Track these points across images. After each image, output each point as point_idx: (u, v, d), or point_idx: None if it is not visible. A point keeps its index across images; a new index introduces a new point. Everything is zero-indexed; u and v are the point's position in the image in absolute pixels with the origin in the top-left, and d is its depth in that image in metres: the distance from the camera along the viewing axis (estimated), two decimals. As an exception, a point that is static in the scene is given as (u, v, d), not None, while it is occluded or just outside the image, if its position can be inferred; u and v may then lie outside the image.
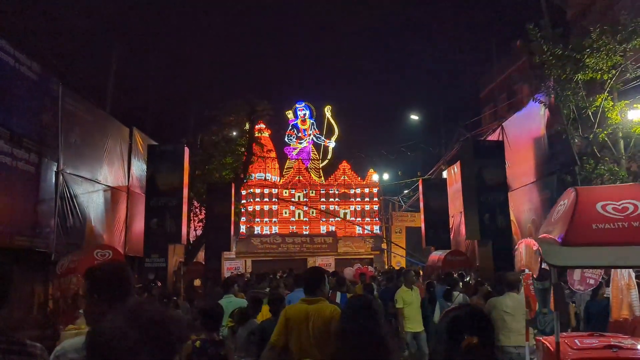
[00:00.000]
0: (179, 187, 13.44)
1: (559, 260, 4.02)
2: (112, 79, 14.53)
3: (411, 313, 8.60)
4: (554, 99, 11.16)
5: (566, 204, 4.28)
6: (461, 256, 15.16)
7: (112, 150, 14.19)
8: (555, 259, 3.99)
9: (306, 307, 4.43)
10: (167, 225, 13.17)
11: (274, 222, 35.84)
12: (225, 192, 18.85)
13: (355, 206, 36.57)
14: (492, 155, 13.20)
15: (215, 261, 18.23)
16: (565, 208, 4.31)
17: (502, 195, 13.08)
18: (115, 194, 14.48)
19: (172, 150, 13.58)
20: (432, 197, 19.11)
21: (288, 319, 4.43)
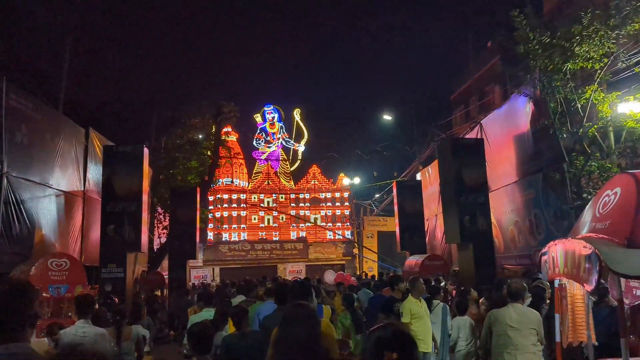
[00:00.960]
0: (138, 191, 12.45)
1: (628, 267, 3.00)
2: (65, 76, 13.45)
3: (420, 329, 7.22)
4: (539, 92, 10.53)
5: (619, 194, 3.24)
6: (439, 261, 14.44)
7: (65, 152, 13.15)
8: (623, 265, 2.98)
9: None
10: (126, 232, 12.17)
11: (242, 229, 34.81)
12: (190, 196, 17.90)
13: (326, 211, 35.77)
14: (472, 154, 12.55)
15: (180, 270, 17.27)
16: (618, 199, 3.26)
17: (482, 196, 12.44)
18: (70, 199, 13.43)
19: (130, 151, 12.58)
20: (406, 200, 18.40)
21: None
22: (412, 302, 7.28)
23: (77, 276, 10.58)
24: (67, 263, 10.49)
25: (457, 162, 12.39)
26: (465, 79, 32.15)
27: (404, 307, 7.23)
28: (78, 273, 10.64)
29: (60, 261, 10.45)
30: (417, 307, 7.27)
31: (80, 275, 10.67)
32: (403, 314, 7.19)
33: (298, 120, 37.34)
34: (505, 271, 13.64)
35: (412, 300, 7.29)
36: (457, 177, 12.33)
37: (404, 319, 7.13)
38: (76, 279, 10.54)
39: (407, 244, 18.08)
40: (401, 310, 7.20)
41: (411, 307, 7.23)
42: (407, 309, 7.21)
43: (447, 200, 12.70)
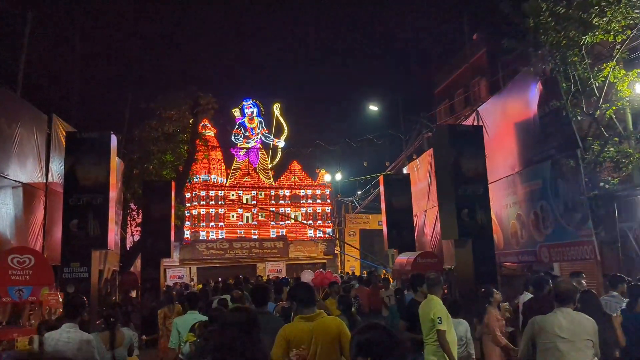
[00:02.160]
0: (105, 182, 11.23)
1: None
2: (24, 55, 12.20)
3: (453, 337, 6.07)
4: (549, 71, 9.58)
5: None
6: (432, 258, 13.48)
7: (24, 140, 11.89)
8: None
9: (307, 325, 4.12)
10: (90, 227, 10.95)
11: (220, 227, 33.68)
12: (164, 191, 16.71)
13: (307, 208, 34.78)
14: (470, 141, 11.55)
15: (153, 269, 16.06)
16: None
17: (481, 187, 11.45)
18: (30, 192, 12.17)
19: (96, 138, 11.35)
20: (394, 195, 17.39)
21: (289, 341, 4.06)
22: (441, 303, 6.08)
23: (43, 276, 9.23)
24: (31, 260, 9.14)
25: (454, 150, 11.39)
26: (450, 72, 31.37)
27: (440, 311, 5.96)
28: (44, 272, 9.28)
29: (22, 257, 9.11)
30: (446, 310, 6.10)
31: (46, 275, 9.31)
32: (441, 319, 5.89)
33: (278, 115, 36.26)
34: (503, 269, 12.73)
35: (439, 300, 6.10)
36: (454, 167, 11.33)
37: (442, 326, 5.88)
38: (42, 279, 9.18)
39: (395, 241, 17.08)
40: (437, 315, 5.91)
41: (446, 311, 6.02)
42: (445, 313, 5.98)
43: (444, 193, 11.71)
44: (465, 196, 11.28)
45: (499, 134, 12.49)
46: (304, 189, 34.97)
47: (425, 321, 5.94)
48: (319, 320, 4.15)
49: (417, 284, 6.70)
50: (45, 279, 9.23)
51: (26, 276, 9.05)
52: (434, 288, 6.12)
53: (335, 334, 4.08)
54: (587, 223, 9.13)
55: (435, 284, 6.14)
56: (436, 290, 6.11)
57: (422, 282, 6.61)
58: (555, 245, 10.26)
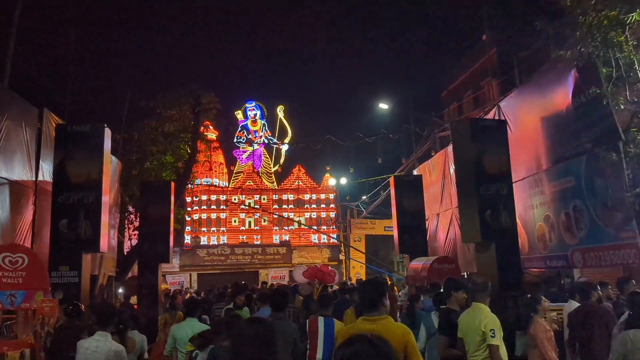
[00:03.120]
0: (97, 179, 10.34)
1: None
2: (13, 43, 11.33)
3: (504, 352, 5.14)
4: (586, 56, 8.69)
5: None
6: (450, 264, 12.58)
7: (11, 134, 11.02)
8: None
9: (369, 327, 3.74)
10: (81, 228, 10.06)
11: (222, 232, 32.80)
12: (163, 192, 15.76)
13: (311, 213, 33.87)
14: (493, 137, 10.66)
15: (151, 275, 15.09)
16: None
17: (506, 186, 10.55)
18: (18, 190, 11.29)
19: (88, 131, 10.45)
20: (405, 197, 16.46)
21: None
22: (490, 312, 5.13)
23: (38, 279, 8.12)
24: (24, 260, 8.01)
25: (476, 146, 10.50)
26: (458, 74, 30.58)
27: (492, 322, 5.00)
28: (39, 274, 8.19)
29: (15, 257, 7.98)
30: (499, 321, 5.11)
31: (41, 278, 8.22)
32: (494, 332, 4.95)
33: (281, 118, 35.40)
34: (527, 276, 11.80)
35: (488, 310, 5.14)
36: (476, 164, 10.44)
37: (496, 340, 4.94)
38: (36, 282, 8.05)
39: (406, 246, 16.14)
40: (488, 327, 4.95)
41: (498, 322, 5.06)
42: (498, 325, 5.02)
43: (464, 192, 10.80)
44: (488, 196, 10.39)
45: (523, 130, 11.60)
46: (308, 194, 34.10)
47: (471, 334, 5.00)
48: (382, 324, 3.80)
49: (452, 289, 5.72)
50: (40, 283, 8.16)
51: (19, 279, 7.99)
52: (481, 295, 5.18)
53: (400, 342, 3.72)
54: (631, 223, 8.24)
55: (483, 290, 5.21)
56: (484, 297, 5.18)
57: (459, 287, 5.68)
58: (591, 249, 9.35)
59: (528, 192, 11.33)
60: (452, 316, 5.48)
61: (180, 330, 6.72)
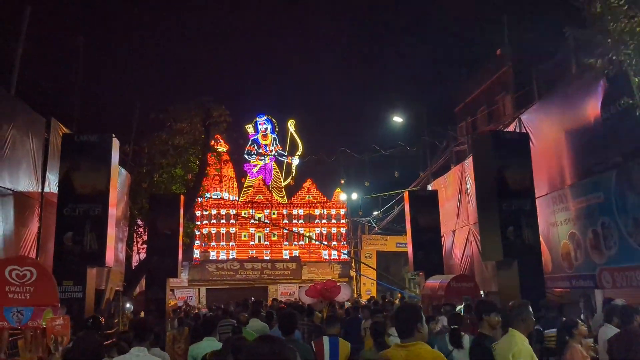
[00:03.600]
0: (104, 191, 10.00)
1: None
2: (21, 51, 11.04)
3: None
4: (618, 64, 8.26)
5: None
6: (468, 282, 12.11)
7: (17, 144, 10.69)
8: None
9: (403, 353, 3.65)
10: (87, 241, 9.71)
11: (231, 246, 32.36)
12: (172, 205, 15.45)
13: (321, 228, 33.40)
14: (516, 150, 10.27)
15: (159, 290, 14.75)
16: None
17: (528, 202, 10.16)
18: (23, 201, 10.94)
19: (95, 141, 10.14)
20: (420, 213, 16.00)
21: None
22: (526, 341, 4.61)
23: (47, 294, 7.45)
24: (32, 273, 7.34)
25: (498, 160, 10.11)
26: (472, 89, 30.15)
27: (522, 352, 4.49)
28: (48, 289, 7.51)
29: (22, 270, 7.31)
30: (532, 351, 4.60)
31: (50, 294, 7.54)
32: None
33: (292, 132, 35.10)
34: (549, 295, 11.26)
35: (523, 338, 4.59)
36: (498, 178, 10.04)
37: None
38: (45, 298, 7.38)
39: (421, 263, 15.67)
40: (516, 357, 4.45)
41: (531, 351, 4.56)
42: (530, 354, 4.51)
43: (485, 208, 10.38)
44: (511, 212, 9.99)
45: (545, 143, 11.15)
46: (319, 208, 33.67)
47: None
48: (414, 350, 3.66)
49: (483, 312, 5.24)
50: (49, 299, 7.48)
51: (26, 294, 7.34)
52: (517, 320, 4.69)
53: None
54: (666, 242, 7.78)
55: (519, 315, 4.71)
56: (519, 323, 4.68)
57: (490, 309, 5.19)
58: (622, 268, 8.85)
59: (551, 209, 10.86)
60: (486, 342, 5.00)
61: (199, 350, 6.54)
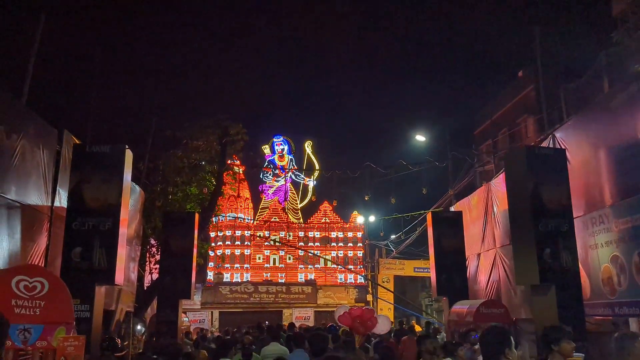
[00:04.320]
0: (115, 204, 9.47)
1: None
2: (33, 59, 10.66)
3: None
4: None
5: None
6: (499, 308, 11.40)
7: (27, 155, 10.22)
8: None
9: None
10: (95, 257, 9.16)
11: (245, 269, 31.79)
12: (187, 223, 14.94)
13: (337, 252, 32.73)
14: (552, 167, 9.62)
15: (171, 311, 14.17)
16: None
17: (566, 222, 9.49)
18: (31, 215, 10.43)
19: (107, 152, 9.65)
20: (444, 235, 15.31)
21: None
22: None
23: (60, 309, 6.70)
24: (44, 286, 6.60)
25: (532, 177, 9.47)
26: (492, 112, 29.57)
27: None
28: (61, 304, 6.76)
29: (32, 281, 6.49)
30: None
31: (64, 309, 6.80)
32: None
33: (309, 153, 34.65)
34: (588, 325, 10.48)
35: None
36: (533, 197, 9.39)
37: None
38: (58, 314, 6.62)
39: (444, 288, 14.93)
40: None
41: None
42: None
43: (519, 228, 9.71)
44: (547, 233, 9.32)
45: (582, 161, 10.48)
46: (335, 231, 33.04)
47: None
48: None
49: (552, 342, 4.50)
50: (62, 315, 6.66)
51: (36, 309, 6.53)
52: None
53: None
54: None
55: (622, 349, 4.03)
56: None
57: (559, 335, 4.46)
58: (673, 294, 8.15)
59: (590, 230, 10.15)
60: None
61: None
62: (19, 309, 6.43)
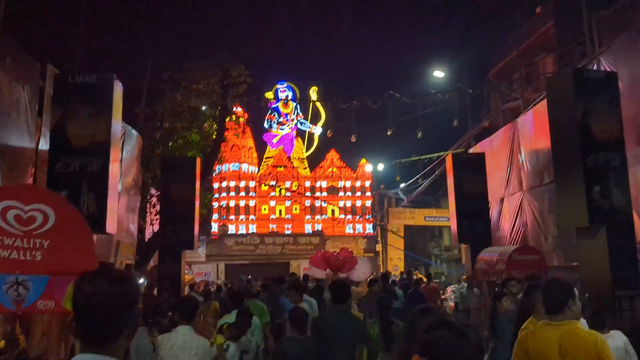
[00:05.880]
0: (104, 142, 8.28)
1: None
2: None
3: None
4: None
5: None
6: (534, 254, 10.35)
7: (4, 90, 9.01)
8: None
9: (554, 333, 3.39)
10: (84, 202, 8.04)
11: (251, 220, 30.85)
12: (187, 169, 13.81)
13: (345, 201, 31.73)
14: (603, 93, 8.39)
15: (173, 264, 13.16)
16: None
17: (618, 156, 8.31)
18: (12, 157, 9.27)
19: (93, 83, 8.41)
20: (466, 178, 14.16)
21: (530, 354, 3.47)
22: None
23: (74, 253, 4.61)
24: (47, 216, 4.58)
25: (581, 105, 8.25)
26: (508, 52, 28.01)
27: None
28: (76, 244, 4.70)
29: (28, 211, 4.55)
30: None
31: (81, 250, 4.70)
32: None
33: (315, 100, 33.24)
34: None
35: None
36: (582, 127, 8.19)
37: None
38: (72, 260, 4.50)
39: (467, 234, 13.88)
40: None
41: None
42: None
43: (564, 164, 8.52)
44: (597, 168, 8.15)
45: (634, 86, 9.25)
46: (343, 180, 31.97)
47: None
48: (569, 330, 3.37)
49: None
50: (77, 261, 4.46)
51: (35, 253, 4.54)
52: None
53: (592, 353, 3.27)
54: None
55: None
56: None
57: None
58: None
59: None
60: None
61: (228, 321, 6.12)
62: (8, 251, 4.46)
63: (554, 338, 3.40)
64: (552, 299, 3.55)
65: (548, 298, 3.59)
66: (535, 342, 3.52)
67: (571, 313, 3.46)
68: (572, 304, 3.48)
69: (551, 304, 3.54)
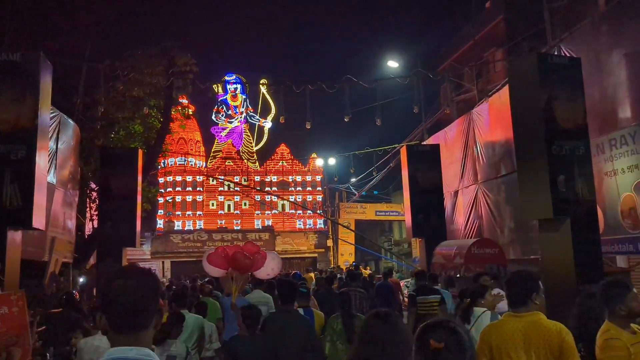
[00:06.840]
0: (30, 127, 7.41)
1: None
2: None
3: None
4: None
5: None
6: (492, 248, 9.99)
7: None
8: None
9: (517, 325, 3.42)
10: (6, 194, 7.18)
11: (198, 216, 29.92)
12: (128, 161, 12.96)
13: (296, 196, 31.14)
14: (566, 79, 8.04)
15: (113, 261, 12.29)
16: None
17: (582, 145, 7.97)
18: None
19: (17, 61, 7.53)
20: (420, 171, 13.79)
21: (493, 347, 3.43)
22: None
23: None
24: None
25: (546, 91, 7.88)
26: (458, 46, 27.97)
27: None
28: None
29: None
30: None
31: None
32: None
33: (264, 92, 32.43)
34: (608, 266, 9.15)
35: None
36: (546, 112, 7.82)
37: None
38: None
39: (421, 228, 13.51)
40: None
41: None
42: None
43: (528, 151, 8.14)
44: (562, 157, 7.79)
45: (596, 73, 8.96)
46: (293, 175, 31.38)
47: None
48: (533, 321, 3.39)
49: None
50: None
51: None
52: None
53: (555, 342, 3.27)
54: None
55: None
56: None
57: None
58: None
59: (607, 154, 8.73)
60: None
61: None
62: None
63: (518, 329, 3.41)
64: (515, 291, 3.58)
65: (512, 291, 3.61)
66: (498, 334, 3.49)
67: (534, 306, 3.50)
68: (536, 297, 3.54)
69: (515, 297, 3.57)
